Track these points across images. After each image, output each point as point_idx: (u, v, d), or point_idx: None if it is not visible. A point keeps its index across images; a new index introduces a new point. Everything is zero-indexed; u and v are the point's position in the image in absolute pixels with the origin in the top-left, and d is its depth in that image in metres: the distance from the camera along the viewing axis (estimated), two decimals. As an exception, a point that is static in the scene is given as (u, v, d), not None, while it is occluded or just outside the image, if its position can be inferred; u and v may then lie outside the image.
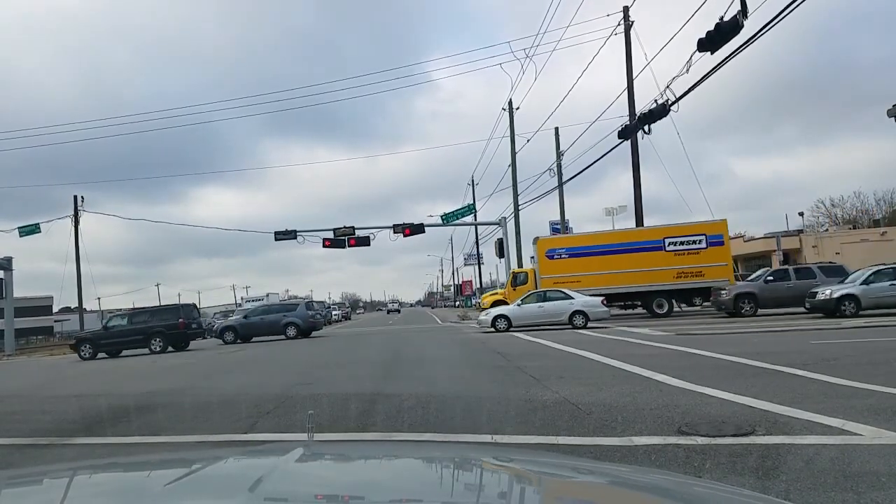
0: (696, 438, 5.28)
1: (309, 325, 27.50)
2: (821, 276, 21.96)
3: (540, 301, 22.77)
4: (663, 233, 26.79)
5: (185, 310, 25.94)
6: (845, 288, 19.34)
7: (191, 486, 1.46)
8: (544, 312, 22.22)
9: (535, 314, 22.32)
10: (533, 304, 22.77)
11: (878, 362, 9.17)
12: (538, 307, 22.46)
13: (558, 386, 8.48)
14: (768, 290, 22.40)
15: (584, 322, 21.43)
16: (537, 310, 22.38)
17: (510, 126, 35.20)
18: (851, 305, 18.69)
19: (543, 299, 22.83)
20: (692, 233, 26.20)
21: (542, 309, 22.35)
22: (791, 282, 22.35)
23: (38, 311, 71.12)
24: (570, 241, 28.95)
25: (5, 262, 36.47)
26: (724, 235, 25.91)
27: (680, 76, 14.27)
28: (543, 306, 22.39)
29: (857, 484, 4.00)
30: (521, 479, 1.66)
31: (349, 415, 7.40)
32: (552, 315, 22.07)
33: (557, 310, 22.00)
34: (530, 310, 22.50)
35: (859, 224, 55.71)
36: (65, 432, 7.54)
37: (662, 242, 26.39)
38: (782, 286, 22.33)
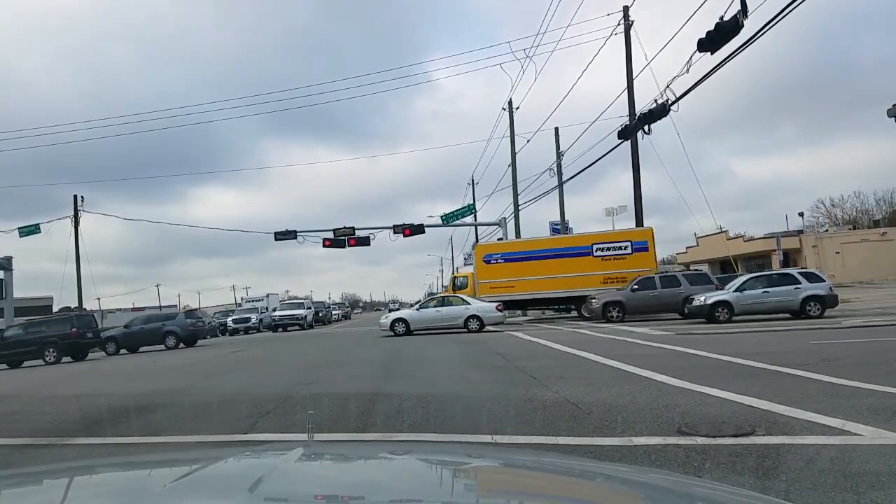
0: (696, 438, 5.28)
1: (189, 334, 27.80)
2: (685, 285, 23.00)
3: (438, 306, 23.74)
4: (592, 239, 27.91)
5: (80, 319, 25.74)
6: (719, 295, 20.10)
7: (191, 486, 1.46)
8: (441, 317, 23.14)
9: (433, 318, 23.15)
10: (431, 308, 23.71)
11: (878, 362, 9.17)
12: (435, 311, 23.35)
13: (558, 386, 8.48)
14: (635, 299, 23.30)
15: (478, 326, 22.34)
16: (434, 314, 23.25)
17: (510, 126, 35.22)
18: (725, 311, 19.43)
19: (441, 304, 23.88)
20: (618, 239, 27.37)
21: (439, 313, 23.24)
22: (657, 290, 23.25)
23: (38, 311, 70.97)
24: (506, 247, 30.05)
25: (5, 262, 36.46)
26: (648, 242, 26.75)
27: (680, 76, 14.28)
28: (441, 311, 23.30)
29: (857, 484, 4.00)
30: (521, 479, 1.66)
31: (349, 415, 7.40)
32: (449, 319, 22.98)
33: (454, 314, 22.92)
34: (428, 314, 23.36)
35: (859, 224, 55.75)
36: (65, 432, 7.53)
37: (591, 248, 27.41)
38: (649, 294, 23.24)
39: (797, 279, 19.70)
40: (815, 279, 19.90)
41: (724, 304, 19.44)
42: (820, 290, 19.31)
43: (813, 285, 19.44)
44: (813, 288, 19.32)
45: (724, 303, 19.46)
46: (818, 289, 19.37)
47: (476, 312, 22.59)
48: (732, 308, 19.45)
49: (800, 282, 19.56)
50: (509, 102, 35.31)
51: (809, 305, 19.05)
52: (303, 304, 45.10)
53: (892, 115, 17.95)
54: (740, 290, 19.81)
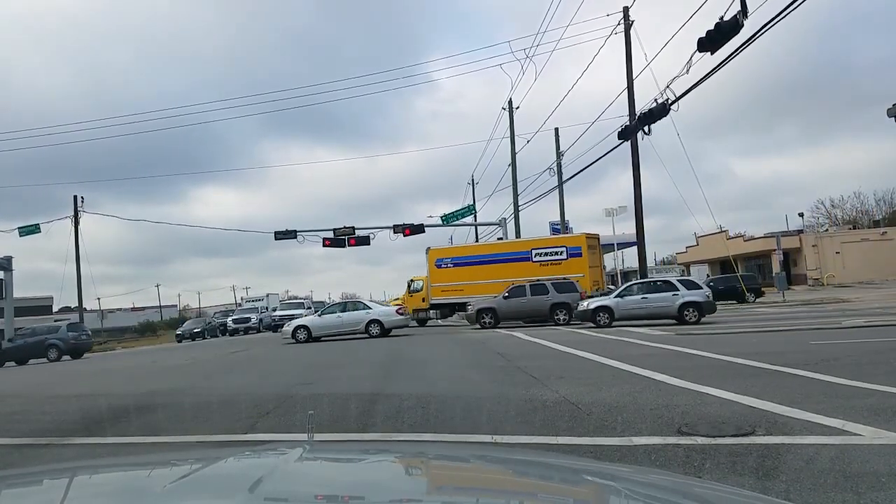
0: (696, 438, 5.28)
1: (72, 347, 27.90)
2: (553, 292, 24.10)
3: (340, 311, 23.98)
4: (531, 245, 29.12)
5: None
6: (601, 300, 21.36)
7: (191, 486, 1.46)
8: (342, 322, 23.41)
9: (334, 324, 23.44)
10: (332, 314, 23.95)
11: (878, 362, 9.17)
12: (337, 317, 23.62)
13: (558, 386, 8.48)
14: (506, 305, 24.33)
15: (379, 331, 22.75)
16: (335, 320, 23.53)
17: (510, 126, 35.23)
18: (605, 316, 20.53)
19: (343, 309, 24.15)
20: (555, 245, 28.57)
21: (340, 319, 23.50)
22: (526, 297, 24.20)
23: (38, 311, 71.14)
24: (456, 252, 31.40)
25: (5, 262, 36.47)
26: (582, 248, 27.77)
27: (680, 76, 14.29)
28: (342, 316, 23.54)
29: (857, 484, 4.00)
30: (520, 479, 1.66)
31: (349, 415, 7.40)
32: (350, 325, 23.27)
33: (355, 319, 23.23)
34: (329, 320, 23.66)
35: (859, 224, 55.76)
36: (65, 432, 7.53)
37: (530, 254, 28.54)
38: (519, 301, 24.20)
39: (676, 286, 20.73)
40: (693, 287, 21.04)
41: (605, 308, 20.66)
42: (697, 297, 20.23)
43: (690, 292, 20.41)
44: (690, 295, 20.24)
45: (605, 308, 20.67)
46: (695, 296, 20.29)
47: (377, 317, 23.04)
48: (613, 313, 20.55)
49: (678, 289, 20.61)
50: (509, 102, 35.32)
51: (687, 312, 19.94)
52: (303, 303, 45.11)
53: (892, 115, 17.94)
54: (621, 296, 20.97)
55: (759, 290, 34.16)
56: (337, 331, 23.20)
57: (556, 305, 23.83)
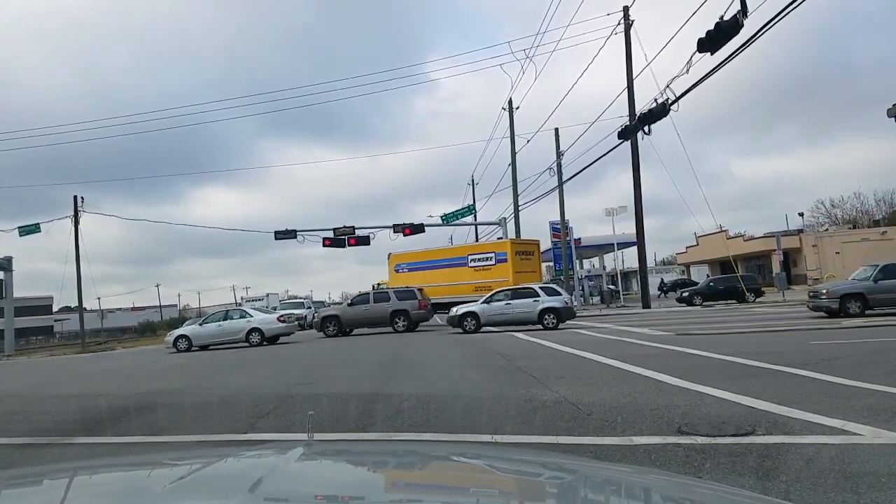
0: (696, 438, 5.28)
1: None
2: (394, 300, 24.98)
3: (221, 320, 24.23)
4: (467, 251, 30.88)
5: None
6: (468, 306, 22.38)
7: (191, 486, 1.46)
8: (223, 331, 23.71)
9: (216, 333, 23.76)
10: (213, 323, 24.21)
11: (878, 362, 9.17)
12: (218, 326, 23.90)
13: (558, 386, 8.48)
14: (350, 313, 25.39)
15: (259, 339, 22.93)
16: (216, 329, 23.84)
17: (510, 126, 35.22)
18: (472, 322, 21.63)
19: (224, 318, 24.40)
20: (485, 251, 30.09)
21: (221, 328, 23.78)
22: (368, 305, 25.32)
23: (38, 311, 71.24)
24: (411, 257, 32.63)
25: (5, 262, 36.48)
26: (507, 254, 29.02)
27: (680, 76, 14.26)
28: (223, 325, 23.84)
29: (857, 484, 4.00)
30: (521, 479, 1.66)
31: (349, 415, 7.40)
32: (231, 333, 23.55)
33: (236, 328, 23.54)
34: (210, 329, 23.98)
35: (859, 224, 55.74)
36: (65, 432, 7.53)
37: (467, 259, 30.17)
38: (361, 309, 25.28)
39: (537, 293, 21.74)
40: (552, 293, 22.00)
41: (471, 314, 21.75)
42: (556, 303, 21.31)
43: (550, 298, 21.44)
44: (549, 301, 21.29)
45: (472, 313, 21.77)
46: (554, 302, 21.37)
47: (258, 325, 23.25)
48: (479, 318, 21.59)
49: (539, 295, 21.55)
50: (509, 102, 35.32)
51: (546, 317, 21.02)
52: (303, 303, 45.07)
53: (892, 115, 17.95)
54: (487, 302, 22.04)
55: (759, 290, 34.15)
56: (219, 340, 23.52)
57: (396, 312, 24.72)
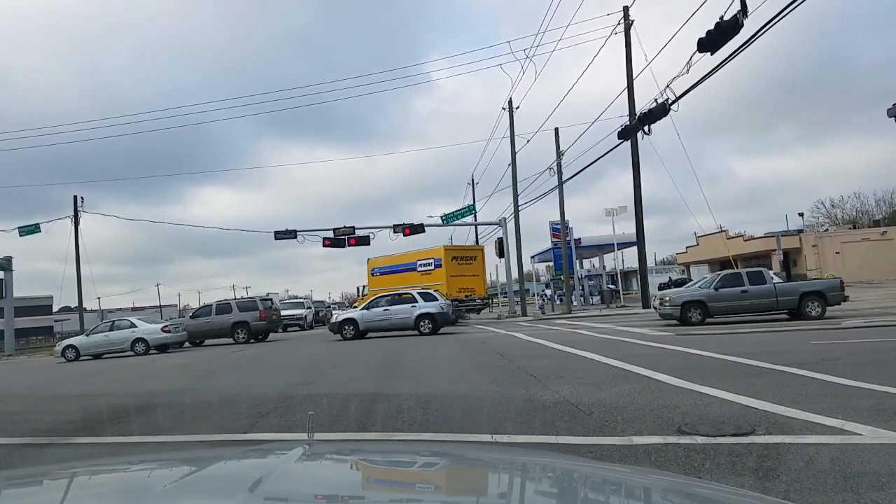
0: (696, 438, 5.28)
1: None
2: (235, 311, 26.13)
3: (106, 331, 24.84)
4: (416, 256, 32.64)
5: None
6: (348, 313, 23.79)
7: (191, 486, 1.46)
8: (108, 342, 24.34)
9: (101, 343, 24.34)
10: (100, 334, 24.82)
11: (878, 362, 9.17)
12: (104, 336, 24.51)
13: (558, 386, 8.48)
14: (193, 325, 26.31)
15: (144, 349, 23.69)
16: (102, 339, 24.45)
17: (510, 126, 35.19)
18: (351, 329, 22.46)
19: (110, 329, 24.99)
20: (428, 256, 31.98)
21: (106, 338, 24.41)
22: (210, 317, 26.45)
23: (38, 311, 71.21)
24: (382, 262, 35.04)
25: (5, 262, 36.46)
26: (442, 260, 31.05)
27: (680, 76, 14.25)
28: (108, 336, 24.47)
29: (857, 484, 4.00)
30: (520, 479, 1.66)
31: (349, 415, 7.41)
32: (116, 344, 24.20)
33: (120, 338, 24.20)
34: (96, 339, 24.55)
35: (859, 224, 55.73)
36: (65, 432, 7.53)
37: (416, 264, 32.22)
38: (204, 321, 26.42)
39: (415, 298, 22.57)
40: (429, 298, 22.80)
41: (351, 321, 22.64)
42: (431, 309, 22.22)
43: (426, 304, 22.34)
44: (426, 307, 22.20)
45: (351, 320, 22.68)
46: (430, 307, 22.26)
47: (142, 335, 23.98)
48: (358, 325, 22.41)
49: (416, 301, 22.30)
50: (509, 102, 35.28)
51: (422, 323, 22.13)
52: (303, 303, 45.05)
53: (892, 114, 17.92)
54: (367, 308, 22.85)
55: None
56: (106, 349, 24.05)
57: (237, 324, 25.60)
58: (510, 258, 35.68)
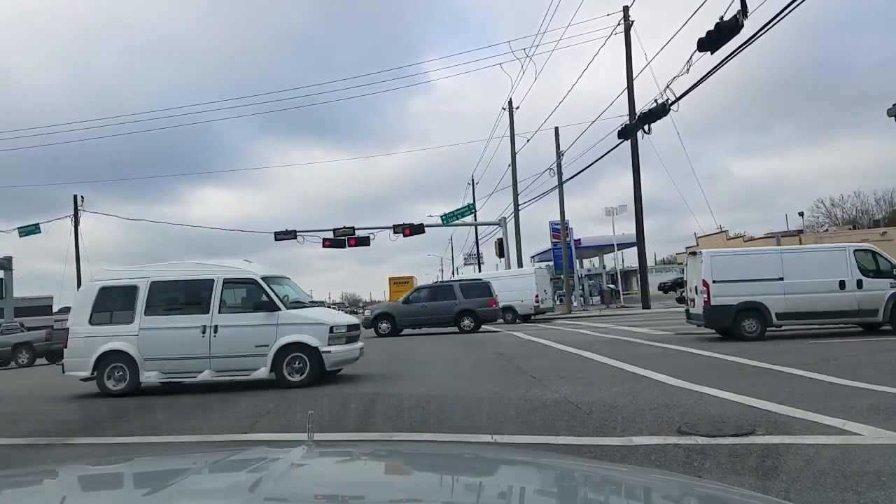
0: (696, 438, 5.28)
1: None
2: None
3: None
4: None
5: None
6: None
7: (191, 486, 1.46)
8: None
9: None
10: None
11: (878, 362, 9.18)
12: None
13: (558, 386, 8.48)
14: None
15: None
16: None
17: (510, 126, 35.21)
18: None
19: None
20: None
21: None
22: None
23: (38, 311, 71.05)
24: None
25: (5, 261, 36.48)
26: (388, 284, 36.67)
27: (680, 76, 14.25)
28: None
29: (857, 484, 4.00)
30: (520, 479, 1.66)
31: (349, 415, 7.41)
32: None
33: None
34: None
35: (859, 224, 55.68)
36: (65, 432, 7.53)
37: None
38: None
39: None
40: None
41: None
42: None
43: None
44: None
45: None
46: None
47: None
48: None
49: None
50: (509, 102, 35.30)
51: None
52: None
53: (892, 114, 17.92)
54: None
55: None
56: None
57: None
58: (510, 258, 35.70)
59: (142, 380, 10.18)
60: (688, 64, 13.50)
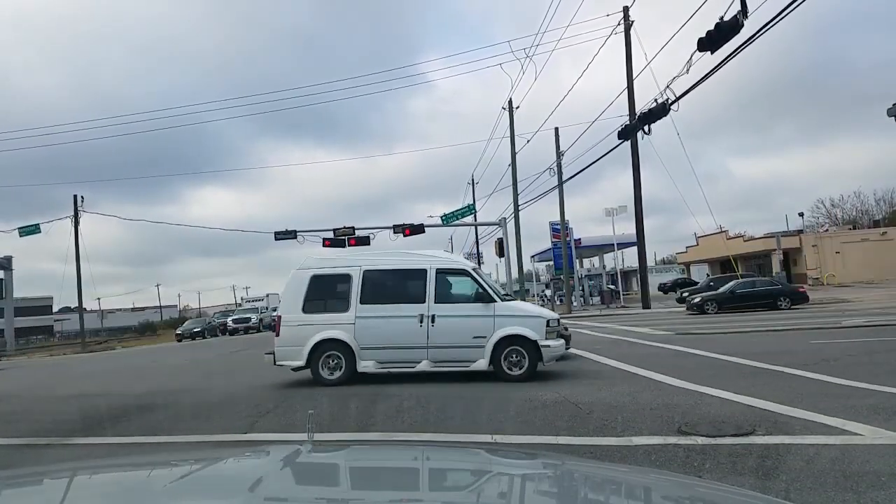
0: (696, 438, 5.28)
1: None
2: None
3: None
4: None
5: None
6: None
7: (191, 486, 1.46)
8: None
9: None
10: None
11: (878, 362, 9.18)
12: None
13: (558, 386, 8.48)
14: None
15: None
16: None
17: (510, 126, 35.19)
18: None
19: None
20: None
21: None
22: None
23: (38, 311, 71.23)
24: None
25: (5, 262, 36.49)
26: None
27: (680, 76, 14.24)
28: None
29: (857, 483, 4.00)
30: (520, 479, 1.66)
31: (349, 414, 7.41)
32: None
33: None
34: None
35: (859, 224, 55.70)
36: (65, 432, 7.53)
37: None
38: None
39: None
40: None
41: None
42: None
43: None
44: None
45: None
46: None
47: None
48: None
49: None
50: (509, 102, 35.27)
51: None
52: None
53: (892, 114, 17.91)
54: None
55: (760, 290, 34.19)
56: None
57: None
58: (510, 258, 35.69)
59: (359, 369, 9.89)
60: (688, 64, 13.49)
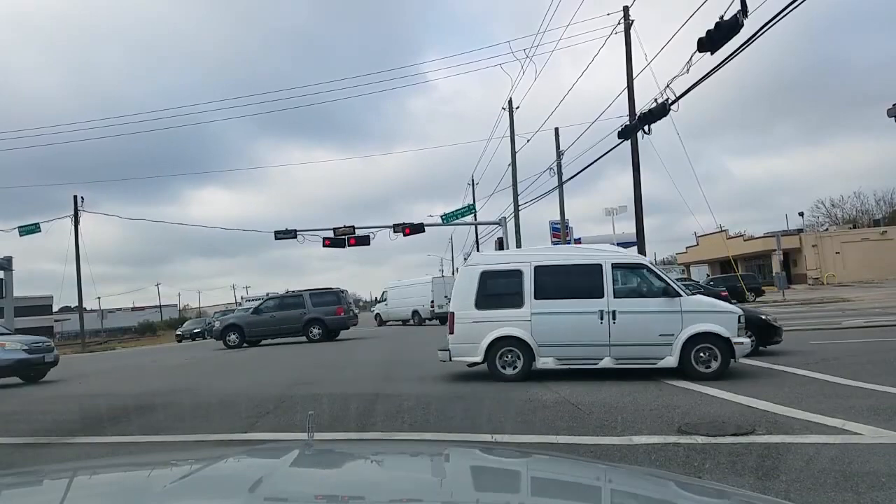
0: (696, 438, 5.28)
1: None
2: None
3: None
4: None
5: None
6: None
7: (191, 486, 1.46)
8: None
9: None
10: None
11: (878, 362, 9.17)
12: None
13: (558, 386, 8.48)
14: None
15: None
16: None
17: (510, 126, 35.17)
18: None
19: None
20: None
21: None
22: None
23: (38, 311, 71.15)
24: None
25: (5, 261, 36.42)
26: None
27: (680, 76, 14.24)
28: None
29: (857, 484, 4.00)
30: (520, 479, 1.66)
31: (349, 415, 7.40)
32: None
33: None
34: None
35: (859, 224, 55.69)
36: (65, 432, 7.53)
37: None
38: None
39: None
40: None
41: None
42: None
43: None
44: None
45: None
46: None
47: None
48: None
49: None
50: (509, 102, 35.25)
51: None
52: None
53: (892, 114, 17.91)
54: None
55: (760, 290, 34.20)
56: None
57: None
58: (510, 258, 35.60)
59: (538, 366, 9.58)
60: (688, 64, 13.49)
